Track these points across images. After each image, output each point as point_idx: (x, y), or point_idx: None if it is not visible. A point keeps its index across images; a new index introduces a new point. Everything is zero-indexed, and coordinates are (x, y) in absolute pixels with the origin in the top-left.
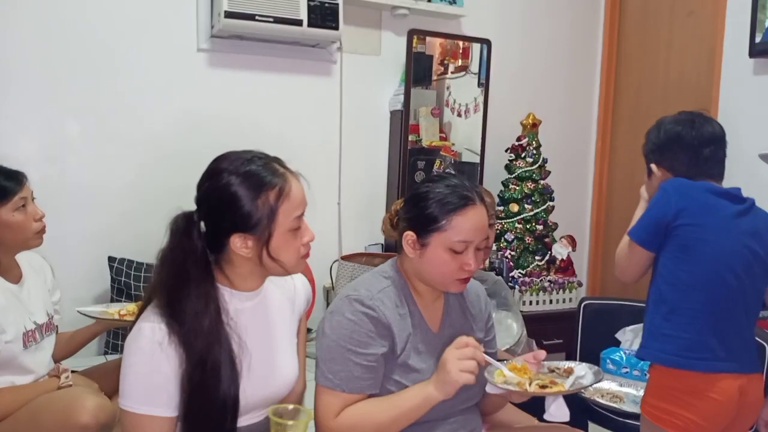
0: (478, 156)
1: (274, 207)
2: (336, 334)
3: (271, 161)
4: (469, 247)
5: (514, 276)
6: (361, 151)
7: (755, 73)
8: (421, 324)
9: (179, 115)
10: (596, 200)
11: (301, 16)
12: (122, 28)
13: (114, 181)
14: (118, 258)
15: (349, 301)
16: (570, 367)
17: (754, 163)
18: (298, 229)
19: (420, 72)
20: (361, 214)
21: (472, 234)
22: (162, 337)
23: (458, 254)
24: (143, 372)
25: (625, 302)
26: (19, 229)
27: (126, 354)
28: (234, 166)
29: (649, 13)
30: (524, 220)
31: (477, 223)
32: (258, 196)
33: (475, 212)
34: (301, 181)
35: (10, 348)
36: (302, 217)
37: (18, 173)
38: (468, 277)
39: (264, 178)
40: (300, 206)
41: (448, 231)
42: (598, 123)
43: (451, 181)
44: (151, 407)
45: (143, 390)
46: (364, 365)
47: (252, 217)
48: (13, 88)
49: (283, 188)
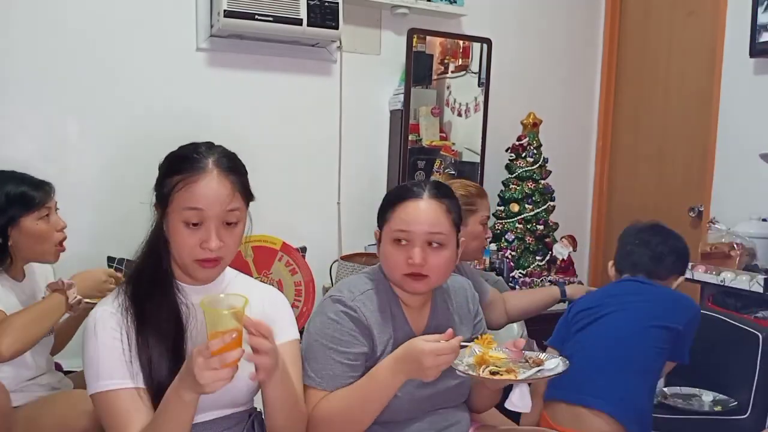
0: (478, 156)
1: (172, 189)
2: (318, 334)
3: (204, 153)
4: (412, 239)
5: (514, 276)
6: (361, 150)
7: (755, 73)
8: (403, 327)
9: (179, 114)
10: (597, 200)
11: (301, 15)
12: (121, 28)
13: (113, 180)
14: (117, 258)
15: (332, 302)
16: (539, 359)
17: (754, 163)
18: (197, 227)
19: (420, 71)
20: (361, 214)
21: (409, 225)
22: (108, 311)
23: (402, 247)
24: (100, 351)
25: None
26: (40, 239)
27: (82, 346)
28: (178, 149)
29: (649, 12)
30: (525, 220)
31: (417, 215)
32: (168, 174)
33: (416, 205)
34: (223, 183)
35: None
36: (207, 218)
37: (46, 184)
38: (416, 273)
39: (179, 161)
40: (198, 201)
41: (390, 222)
42: (599, 122)
43: (412, 181)
44: (111, 380)
45: (106, 366)
46: (346, 363)
47: (161, 189)
48: (12, 88)
49: (188, 178)
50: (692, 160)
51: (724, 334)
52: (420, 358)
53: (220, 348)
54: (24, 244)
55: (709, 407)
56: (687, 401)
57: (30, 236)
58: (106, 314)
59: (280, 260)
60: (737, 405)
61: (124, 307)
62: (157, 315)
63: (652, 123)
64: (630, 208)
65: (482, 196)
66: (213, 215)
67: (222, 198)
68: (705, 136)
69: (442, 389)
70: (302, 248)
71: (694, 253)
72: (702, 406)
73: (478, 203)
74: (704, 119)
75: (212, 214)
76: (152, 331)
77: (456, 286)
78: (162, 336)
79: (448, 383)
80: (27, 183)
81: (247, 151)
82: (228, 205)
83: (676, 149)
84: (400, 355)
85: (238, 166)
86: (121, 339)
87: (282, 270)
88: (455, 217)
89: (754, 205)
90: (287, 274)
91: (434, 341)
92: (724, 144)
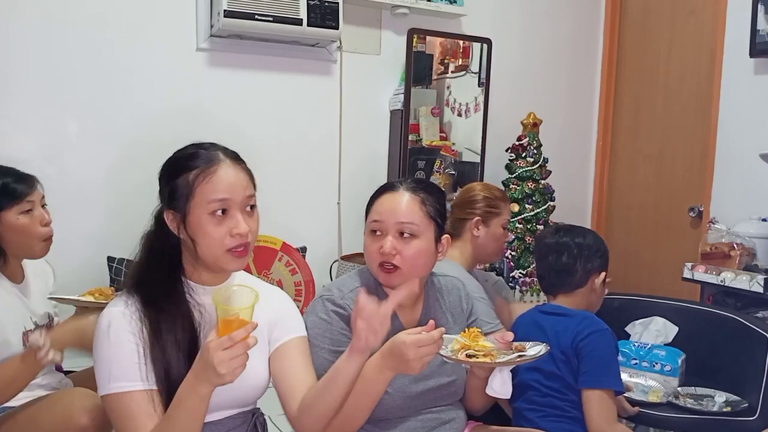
0: (478, 156)
1: (191, 185)
2: (310, 333)
3: (210, 148)
4: (384, 229)
5: (514, 276)
6: (361, 150)
7: (755, 73)
8: (395, 324)
9: (179, 114)
10: (597, 200)
11: (301, 15)
12: (122, 28)
13: (114, 180)
14: (117, 258)
15: (322, 301)
16: (522, 345)
17: (754, 163)
18: (224, 216)
19: (420, 71)
20: (361, 214)
21: (381, 215)
22: (121, 311)
23: (377, 237)
24: (112, 353)
25: (633, 297)
26: (23, 233)
27: (93, 346)
28: (178, 151)
29: (649, 12)
30: (525, 220)
31: (390, 206)
32: (179, 174)
33: (391, 197)
34: (238, 171)
35: (10, 348)
36: (232, 206)
37: (30, 177)
38: (387, 264)
39: (187, 159)
40: (223, 191)
41: (369, 214)
42: (599, 122)
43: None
44: (125, 383)
45: (119, 369)
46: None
47: (174, 192)
48: (13, 88)
49: (206, 170)
50: (692, 160)
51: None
52: (403, 351)
53: (243, 337)
54: (7, 239)
55: (720, 408)
56: (698, 401)
57: (11, 231)
58: (120, 315)
59: (280, 260)
60: (748, 406)
61: (138, 312)
62: (173, 322)
63: (652, 123)
64: (630, 208)
65: (505, 200)
66: (237, 201)
67: (243, 183)
68: (705, 136)
69: (434, 387)
70: (302, 248)
71: (694, 253)
72: (713, 406)
73: (502, 207)
74: (704, 119)
75: (237, 201)
76: (168, 338)
77: (449, 285)
78: (178, 342)
79: (440, 380)
80: (11, 175)
81: (247, 150)
82: (247, 190)
83: (676, 149)
84: (385, 350)
85: (242, 159)
86: (135, 341)
87: (282, 270)
88: (431, 210)
89: (754, 205)
90: (287, 274)
91: (416, 333)
92: (724, 144)
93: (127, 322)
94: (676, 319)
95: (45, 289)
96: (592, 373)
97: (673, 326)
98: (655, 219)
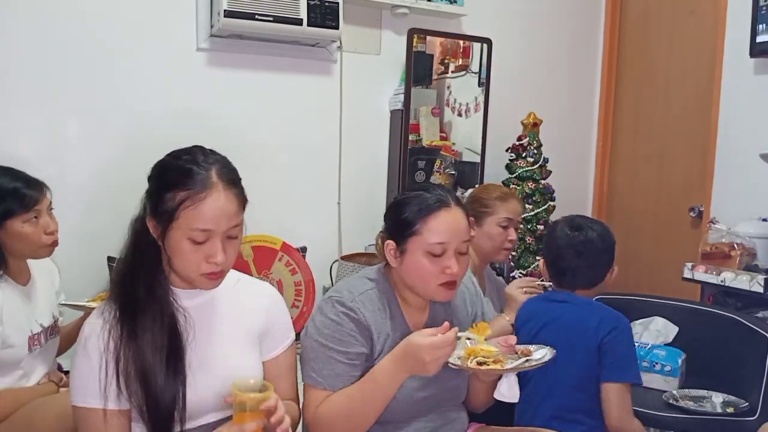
0: (478, 156)
1: (177, 207)
2: (319, 334)
3: (204, 165)
4: (447, 249)
5: (515, 276)
6: (361, 150)
7: (756, 73)
8: (402, 327)
9: (179, 114)
10: (597, 200)
11: (301, 15)
12: (121, 28)
13: (114, 180)
14: (117, 258)
15: (332, 302)
16: (528, 349)
17: (754, 163)
18: (203, 243)
19: (420, 71)
20: (361, 214)
21: (447, 236)
22: (98, 325)
23: (437, 258)
24: (82, 367)
25: (633, 297)
26: (26, 242)
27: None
28: (173, 153)
29: (649, 12)
30: (525, 220)
31: (451, 224)
32: (169, 188)
33: (449, 214)
34: (229, 198)
35: (15, 352)
36: (214, 235)
37: (39, 183)
38: (452, 281)
39: (180, 174)
40: (208, 222)
41: (424, 234)
42: (599, 122)
43: (427, 188)
44: (84, 398)
45: (84, 384)
46: (347, 363)
47: (160, 205)
48: (12, 88)
49: (195, 195)
50: (692, 160)
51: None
52: (419, 354)
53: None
54: (9, 245)
55: (720, 409)
56: (698, 402)
57: (15, 239)
58: (94, 329)
59: (280, 260)
60: (748, 406)
61: (114, 320)
62: (152, 326)
63: (652, 123)
64: (630, 208)
65: (503, 199)
66: (220, 232)
67: (229, 215)
68: (705, 136)
69: (439, 389)
70: (302, 248)
71: (694, 253)
72: (714, 407)
73: (496, 205)
74: (704, 119)
75: (219, 231)
76: (147, 341)
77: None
78: (157, 346)
79: (446, 383)
80: (21, 180)
81: (248, 150)
82: (233, 220)
83: (676, 149)
84: (399, 353)
85: (237, 177)
86: (103, 359)
87: (282, 270)
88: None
89: (754, 205)
90: (287, 274)
91: (431, 335)
92: (724, 144)
93: (97, 338)
94: (677, 319)
95: (51, 288)
96: (614, 367)
97: (673, 326)
98: (656, 219)
